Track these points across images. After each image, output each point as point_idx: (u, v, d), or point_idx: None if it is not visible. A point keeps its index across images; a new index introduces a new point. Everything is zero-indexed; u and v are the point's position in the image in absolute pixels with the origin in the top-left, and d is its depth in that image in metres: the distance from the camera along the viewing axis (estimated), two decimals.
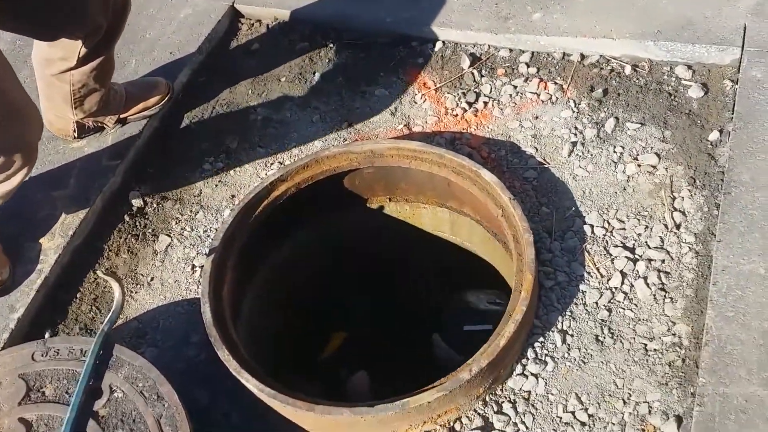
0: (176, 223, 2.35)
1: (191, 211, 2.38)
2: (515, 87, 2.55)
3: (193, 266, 2.22)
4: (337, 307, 2.69)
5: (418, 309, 2.81)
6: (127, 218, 2.36)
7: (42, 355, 1.79)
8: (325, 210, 2.47)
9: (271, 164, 2.48)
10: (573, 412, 1.78)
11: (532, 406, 1.81)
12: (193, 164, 2.53)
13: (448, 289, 2.75)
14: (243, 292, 2.30)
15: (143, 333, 2.09)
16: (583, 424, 1.76)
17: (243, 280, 2.27)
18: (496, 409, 1.81)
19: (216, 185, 2.45)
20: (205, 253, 2.24)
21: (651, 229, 2.08)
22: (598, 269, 2.02)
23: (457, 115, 2.53)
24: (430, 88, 2.63)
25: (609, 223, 2.12)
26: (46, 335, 1.84)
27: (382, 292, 2.80)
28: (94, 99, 2.34)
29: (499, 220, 2.12)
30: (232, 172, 2.48)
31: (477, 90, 2.57)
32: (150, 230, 2.35)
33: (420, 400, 1.68)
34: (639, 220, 2.11)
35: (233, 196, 2.40)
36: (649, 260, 2.01)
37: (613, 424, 1.75)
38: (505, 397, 1.83)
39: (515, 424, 1.78)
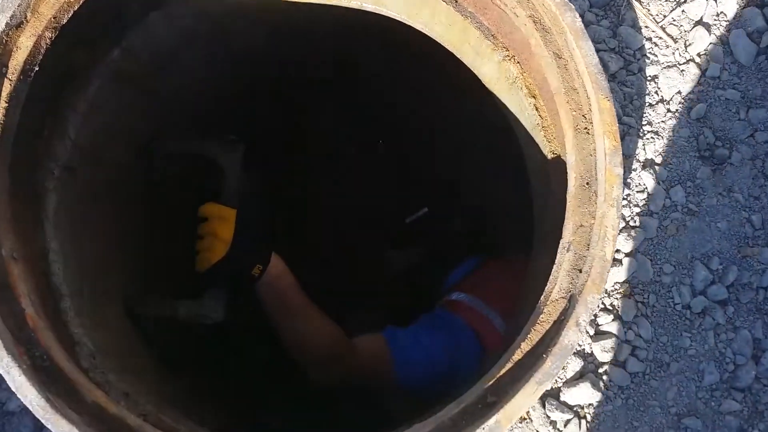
0: None
1: None
2: None
3: None
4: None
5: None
6: None
7: None
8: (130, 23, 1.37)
9: None
10: (704, 292, 1.19)
11: (642, 304, 1.19)
12: None
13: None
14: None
15: None
16: (723, 303, 1.19)
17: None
18: (592, 333, 1.18)
19: None
20: None
21: None
22: (664, 30, 1.26)
23: None
24: None
25: None
26: None
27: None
28: None
29: None
30: None
31: None
32: None
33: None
34: None
35: None
36: None
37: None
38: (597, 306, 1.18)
39: (628, 342, 1.17)
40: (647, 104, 1.22)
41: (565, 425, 1.12)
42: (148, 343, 1.47)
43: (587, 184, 1.07)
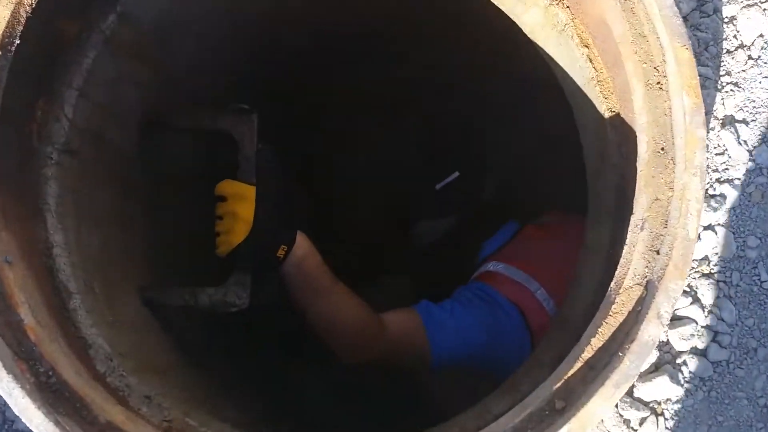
0: None
1: None
2: None
3: None
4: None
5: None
6: None
7: None
8: None
9: None
10: None
11: (724, 283, 1.04)
12: None
13: None
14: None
15: None
16: None
17: None
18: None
19: None
20: None
21: None
22: None
23: None
24: None
25: None
26: None
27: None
28: None
29: None
30: None
31: None
32: None
33: None
34: None
35: None
36: None
37: None
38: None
39: (709, 328, 1.03)
40: (725, 51, 1.06)
41: (640, 424, 1.00)
42: (172, 336, 1.37)
43: (662, 149, 0.92)
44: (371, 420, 1.83)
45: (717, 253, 1.03)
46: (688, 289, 1.03)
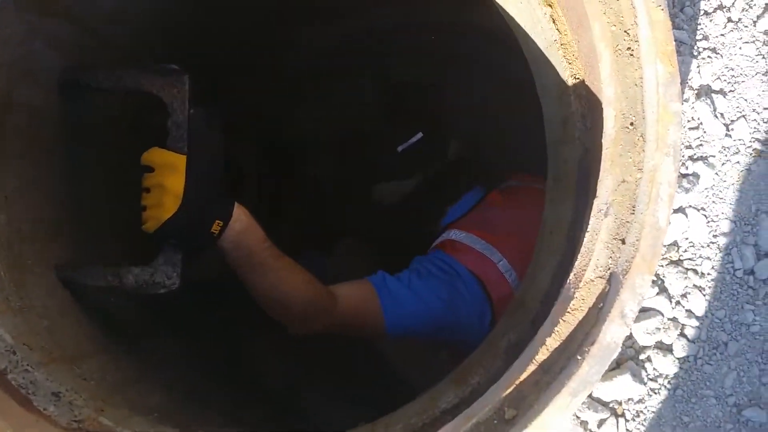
0: None
1: None
2: None
3: None
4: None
5: None
6: None
7: None
8: None
9: None
10: None
11: (693, 272, 0.94)
12: None
13: None
14: None
15: None
16: None
17: None
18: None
19: None
20: None
21: None
22: None
23: None
24: None
25: None
26: None
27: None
28: None
29: None
30: None
31: None
32: None
33: None
34: None
35: None
36: None
37: None
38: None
39: (675, 320, 0.94)
40: (702, 12, 0.95)
41: (599, 426, 0.91)
42: (99, 318, 1.26)
43: (631, 125, 0.82)
44: (330, 394, 1.76)
45: (687, 239, 0.93)
46: (654, 278, 0.93)
